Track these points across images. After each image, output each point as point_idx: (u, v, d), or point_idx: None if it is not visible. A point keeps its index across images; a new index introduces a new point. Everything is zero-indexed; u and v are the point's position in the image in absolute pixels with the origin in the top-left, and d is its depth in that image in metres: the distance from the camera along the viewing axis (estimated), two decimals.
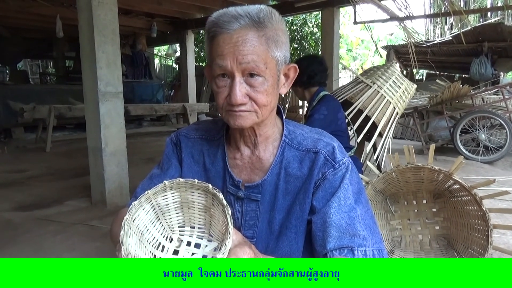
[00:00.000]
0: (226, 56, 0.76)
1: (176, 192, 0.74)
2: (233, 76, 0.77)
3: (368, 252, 0.81)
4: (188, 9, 7.17)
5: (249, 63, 0.76)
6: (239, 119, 0.80)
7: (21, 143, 6.31)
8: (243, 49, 0.75)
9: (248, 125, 0.82)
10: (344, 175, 0.85)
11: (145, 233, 0.72)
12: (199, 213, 0.77)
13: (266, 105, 0.81)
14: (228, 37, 0.76)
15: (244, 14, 0.77)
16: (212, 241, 0.76)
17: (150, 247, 0.73)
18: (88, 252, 2.39)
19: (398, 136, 7.39)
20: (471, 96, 5.55)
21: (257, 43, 0.76)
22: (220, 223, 0.73)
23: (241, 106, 0.79)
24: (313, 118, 2.35)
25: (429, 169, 1.75)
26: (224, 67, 0.77)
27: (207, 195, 0.73)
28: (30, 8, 6.28)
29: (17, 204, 3.33)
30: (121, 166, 3.30)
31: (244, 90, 0.78)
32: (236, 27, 0.76)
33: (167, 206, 0.75)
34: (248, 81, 0.78)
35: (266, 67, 0.78)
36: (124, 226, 0.64)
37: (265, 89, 0.79)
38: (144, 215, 0.72)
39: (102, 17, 3.03)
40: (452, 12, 4.98)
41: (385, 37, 16.02)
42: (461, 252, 1.87)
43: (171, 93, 11.43)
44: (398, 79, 3.19)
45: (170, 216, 0.77)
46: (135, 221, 0.69)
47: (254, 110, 0.80)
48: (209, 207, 0.74)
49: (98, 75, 3.04)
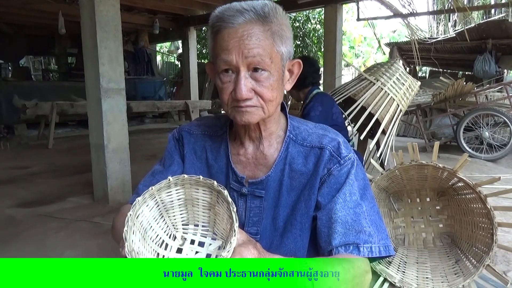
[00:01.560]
0: (232, 50, 0.75)
1: (180, 189, 0.73)
2: (238, 70, 0.76)
3: (374, 248, 0.80)
4: (190, 6, 7.16)
5: (255, 56, 0.75)
6: (246, 115, 0.79)
7: (24, 140, 6.32)
8: (248, 43, 0.74)
9: (255, 121, 0.81)
10: (350, 170, 0.84)
11: (148, 230, 0.71)
12: (203, 210, 0.75)
13: (271, 100, 0.80)
14: (233, 31, 0.76)
15: (249, 8, 0.76)
16: (216, 240, 0.75)
17: (153, 245, 0.72)
18: (90, 248, 2.39)
19: (401, 134, 7.36)
20: (475, 94, 5.52)
21: (262, 37, 0.76)
22: (225, 221, 0.72)
23: (247, 101, 0.78)
24: (309, 116, 2.39)
25: (433, 166, 1.74)
26: (229, 62, 0.76)
27: (211, 192, 0.72)
28: (32, 4, 6.28)
29: (20, 200, 3.34)
30: (123, 163, 3.30)
31: (249, 84, 0.77)
32: (241, 21, 0.75)
33: (171, 203, 0.74)
34: (253, 76, 0.77)
35: (271, 62, 0.77)
36: (127, 222, 0.63)
37: (270, 83, 0.78)
38: (148, 212, 0.71)
39: (104, 14, 3.02)
40: (456, 9, 4.95)
41: (388, 34, 15.95)
42: (465, 250, 1.86)
43: (173, 90, 11.43)
44: (402, 76, 3.16)
45: (174, 213, 0.76)
46: (138, 218, 0.68)
47: (260, 105, 0.79)
48: (214, 204, 0.73)
49: (101, 71, 3.04)
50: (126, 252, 0.59)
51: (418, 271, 1.86)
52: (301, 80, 2.52)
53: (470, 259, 1.77)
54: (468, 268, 1.72)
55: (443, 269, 1.84)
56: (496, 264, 2.13)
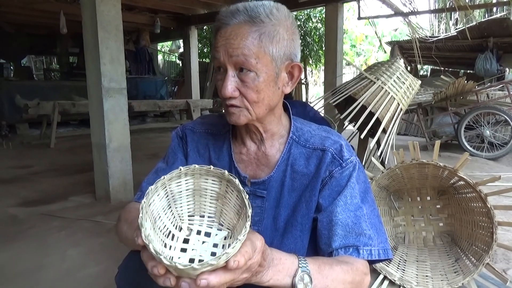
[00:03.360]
0: (219, 48, 0.78)
1: (190, 179, 0.73)
2: (226, 69, 0.78)
3: (374, 251, 0.81)
4: (191, 5, 7.16)
5: (238, 56, 0.76)
6: (233, 116, 0.81)
7: (26, 139, 6.34)
8: (233, 42, 0.76)
9: (243, 122, 0.82)
10: (351, 173, 0.85)
11: (157, 220, 0.71)
12: (211, 201, 0.76)
13: (256, 101, 0.80)
14: (224, 31, 0.78)
15: (242, 9, 0.78)
16: (222, 230, 0.75)
17: (161, 235, 0.72)
18: (93, 247, 2.41)
19: (402, 132, 7.35)
20: (476, 92, 5.51)
21: (249, 37, 0.76)
22: (233, 212, 0.72)
23: (231, 100, 0.79)
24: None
25: (434, 165, 1.74)
26: (218, 59, 0.78)
27: (221, 182, 0.73)
28: (34, 4, 6.30)
29: (22, 199, 3.35)
30: (125, 162, 3.31)
31: (234, 84, 0.78)
32: (232, 22, 0.77)
33: (180, 193, 0.74)
34: (239, 76, 0.78)
35: (257, 62, 0.77)
36: (142, 209, 0.63)
37: (255, 84, 0.78)
38: (158, 202, 0.71)
39: (105, 13, 3.03)
40: (457, 7, 4.95)
41: (389, 33, 15.90)
42: (465, 249, 1.87)
43: (175, 89, 11.43)
44: (402, 75, 3.16)
45: (181, 204, 0.76)
46: (150, 206, 0.68)
47: (244, 106, 0.80)
48: (222, 194, 0.74)
49: (102, 71, 3.05)
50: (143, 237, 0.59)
51: (418, 269, 1.87)
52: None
53: (470, 258, 1.78)
54: (468, 267, 1.73)
55: (443, 268, 1.84)
56: (496, 263, 2.13)
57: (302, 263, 0.71)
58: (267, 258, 0.66)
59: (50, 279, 2.03)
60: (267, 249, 0.67)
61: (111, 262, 2.17)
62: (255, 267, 0.62)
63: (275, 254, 0.69)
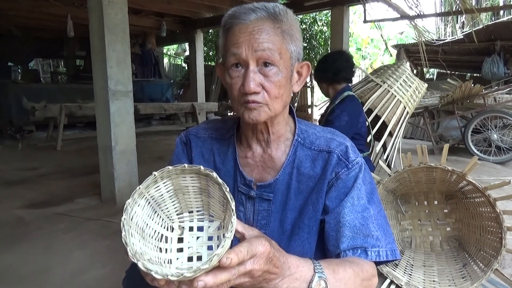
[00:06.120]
0: (241, 44, 0.77)
1: (167, 181, 0.73)
2: (247, 64, 0.77)
3: (382, 252, 0.80)
4: (197, 8, 7.18)
5: (264, 50, 0.76)
6: (253, 112, 0.79)
7: (33, 141, 6.39)
8: (258, 37, 0.76)
9: (263, 119, 0.81)
10: (358, 175, 0.84)
11: (145, 228, 0.70)
12: (195, 196, 0.75)
13: (277, 97, 0.80)
14: (244, 26, 0.78)
15: (261, 7, 0.79)
16: (213, 221, 0.74)
17: (154, 241, 0.71)
18: (99, 249, 2.41)
19: (408, 136, 7.32)
20: (483, 96, 5.47)
21: (273, 33, 0.77)
22: (219, 204, 0.71)
23: (254, 95, 0.78)
24: (333, 125, 2.22)
25: (442, 169, 1.73)
26: (239, 55, 0.77)
27: (200, 177, 0.71)
28: (41, 7, 6.35)
29: (29, 201, 3.37)
30: (131, 165, 3.32)
31: (258, 79, 0.78)
32: (253, 18, 0.78)
33: (161, 196, 0.74)
34: (262, 71, 0.78)
35: (280, 58, 0.78)
36: (123, 226, 0.62)
37: (278, 79, 0.79)
38: (141, 211, 0.71)
39: (112, 17, 3.05)
40: (464, 11, 4.91)
41: (395, 36, 15.87)
42: (473, 254, 1.85)
43: (180, 92, 11.47)
44: (408, 78, 3.15)
45: (166, 206, 0.75)
46: (133, 219, 0.67)
47: (265, 102, 0.79)
48: (205, 188, 0.73)
49: (108, 74, 3.07)
50: (130, 256, 0.59)
51: (425, 274, 1.85)
52: (334, 74, 2.40)
53: (477, 263, 1.76)
54: (476, 272, 1.71)
55: (450, 273, 1.82)
56: (504, 268, 2.11)
57: (317, 268, 0.70)
58: (281, 265, 0.65)
59: (56, 281, 2.04)
60: (281, 256, 0.65)
61: (117, 264, 2.18)
62: (259, 273, 0.61)
63: (291, 261, 0.67)
